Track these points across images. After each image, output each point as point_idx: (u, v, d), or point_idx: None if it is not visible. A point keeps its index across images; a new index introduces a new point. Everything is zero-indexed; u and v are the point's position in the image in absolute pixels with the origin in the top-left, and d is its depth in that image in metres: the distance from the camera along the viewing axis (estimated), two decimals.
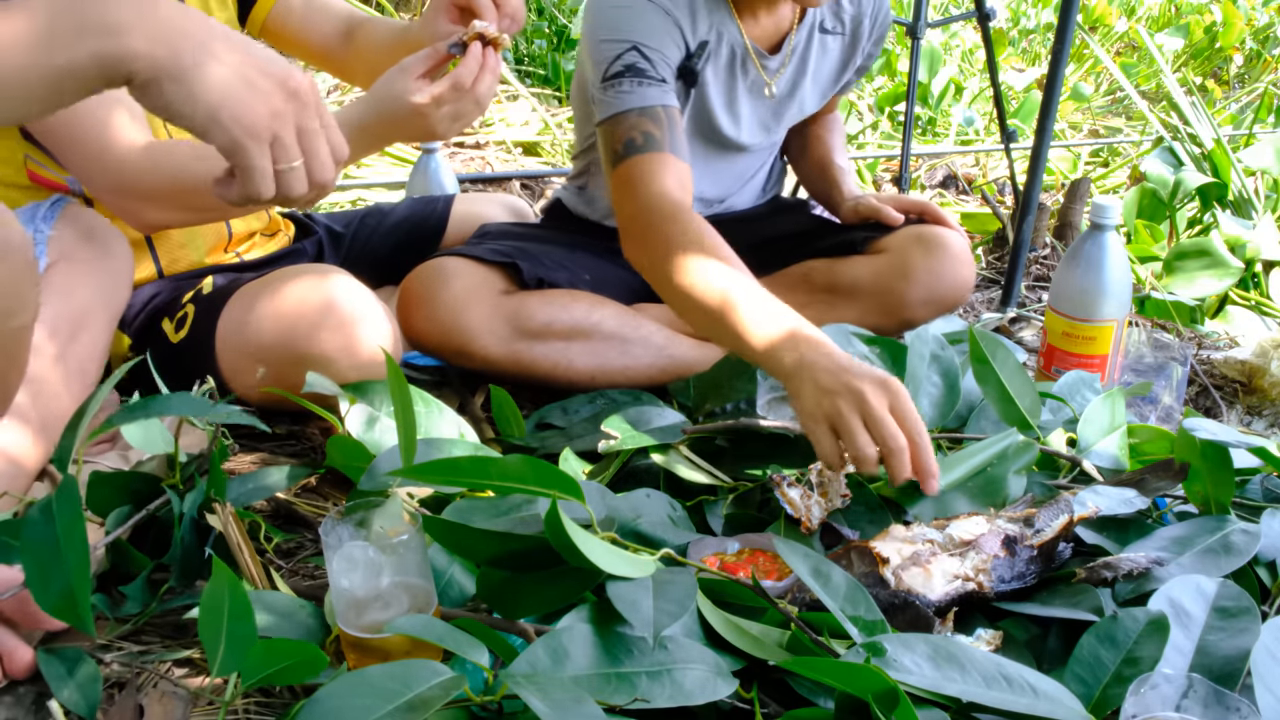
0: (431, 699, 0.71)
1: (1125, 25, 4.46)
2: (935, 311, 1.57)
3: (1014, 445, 1.14)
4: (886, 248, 1.58)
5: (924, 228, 1.59)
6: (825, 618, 0.89)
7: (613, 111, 1.34)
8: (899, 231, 1.60)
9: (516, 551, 0.86)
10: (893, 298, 1.55)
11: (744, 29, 1.47)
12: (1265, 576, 1.01)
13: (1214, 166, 2.37)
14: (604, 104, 1.36)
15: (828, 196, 1.75)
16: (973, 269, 1.58)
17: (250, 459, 1.31)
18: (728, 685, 0.81)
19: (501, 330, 1.43)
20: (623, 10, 1.38)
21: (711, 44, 1.45)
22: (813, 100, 1.63)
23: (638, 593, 0.83)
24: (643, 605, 0.81)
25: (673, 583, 0.85)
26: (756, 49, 1.50)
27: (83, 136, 1.18)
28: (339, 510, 0.90)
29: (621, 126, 1.34)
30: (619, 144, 1.34)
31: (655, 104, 1.34)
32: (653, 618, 0.80)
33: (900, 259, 1.56)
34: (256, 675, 0.79)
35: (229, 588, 0.78)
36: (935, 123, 3.31)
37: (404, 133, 1.23)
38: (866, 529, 1.07)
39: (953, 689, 0.78)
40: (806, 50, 1.56)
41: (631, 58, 1.35)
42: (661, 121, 1.34)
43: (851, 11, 1.58)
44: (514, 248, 1.53)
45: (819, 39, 1.57)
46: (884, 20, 1.62)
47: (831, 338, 1.37)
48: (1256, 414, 1.63)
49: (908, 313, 1.55)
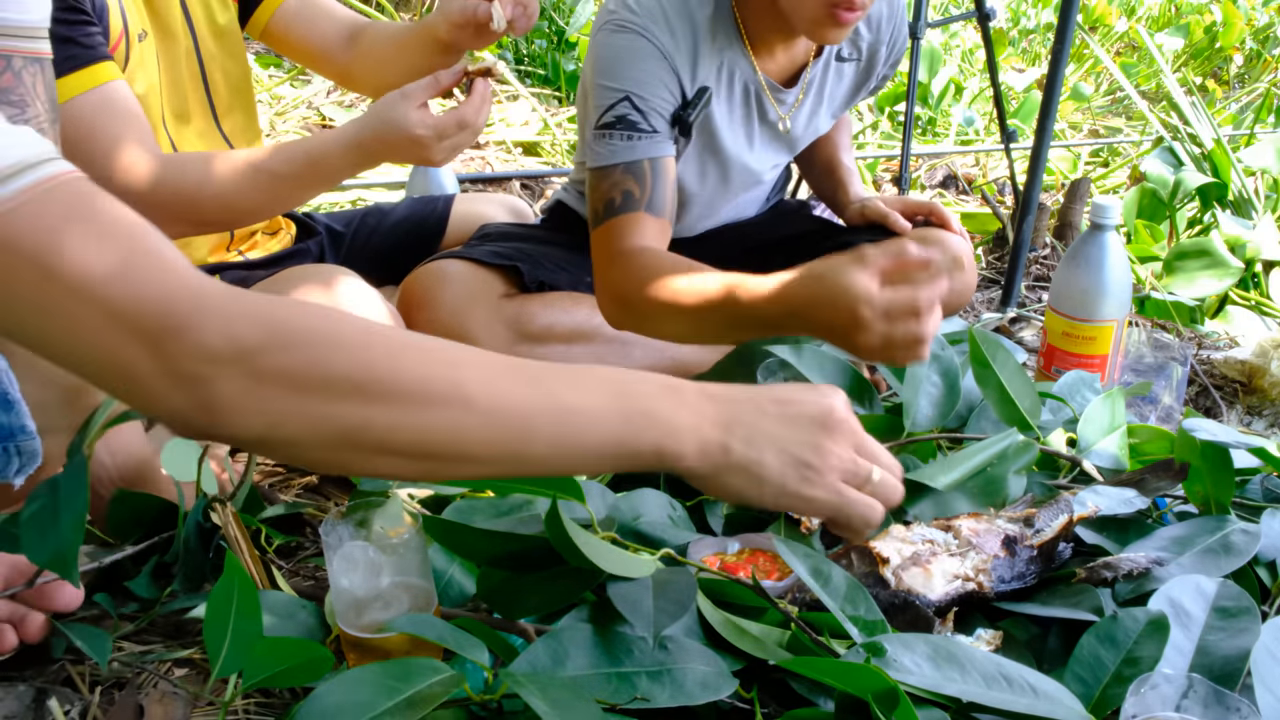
0: (430, 696, 0.72)
1: (1125, 25, 4.46)
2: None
3: (1014, 445, 1.14)
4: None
5: (927, 231, 1.59)
6: (825, 618, 0.89)
7: (600, 164, 1.33)
8: (901, 235, 1.59)
9: (516, 551, 0.86)
10: None
11: (758, 64, 1.44)
12: (1265, 576, 1.01)
13: (1214, 166, 2.37)
14: (594, 153, 1.35)
15: (833, 197, 1.74)
16: (975, 274, 1.58)
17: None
18: (728, 685, 0.81)
19: (502, 333, 1.43)
20: (621, 54, 1.34)
21: (722, 82, 1.42)
22: (826, 124, 1.62)
23: (638, 593, 0.82)
24: (643, 605, 0.81)
25: (673, 583, 0.85)
26: (771, 84, 1.47)
27: (90, 151, 1.18)
28: (339, 510, 0.90)
29: (605, 183, 1.33)
30: (600, 204, 1.33)
31: (643, 158, 1.32)
32: (653, 617, 0.80)
33: None
34: (260, 675, 0.79)
35: (238, 585, 0.78)
36: (935, 123, 3.31)
37: (400, 157, 1.25)
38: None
39: (953, 689, 0.78)
40: (823, 81, 1.54)
41: (624, 109, 1.33)
42: (645, 178, 1.33)
43: (869, 39, 1.56)
44: (515, 250, 1.53)
45: (835, 67, 1.55)
46: (900, 46, 1.60)
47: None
48: (1256, 414, 1.63)
49: None
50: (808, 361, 1.27)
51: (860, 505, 0.80)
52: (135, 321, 0.65)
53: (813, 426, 0.81)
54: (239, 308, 0.67)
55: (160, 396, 0.67)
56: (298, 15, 1.47)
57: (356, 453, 0.71)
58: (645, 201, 1.31)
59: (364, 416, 0.69)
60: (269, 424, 0.68)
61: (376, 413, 0.69)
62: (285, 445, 0.70)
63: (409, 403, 0.70)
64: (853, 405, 1.25)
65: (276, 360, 0.67)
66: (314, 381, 0.68)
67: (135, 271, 0.66)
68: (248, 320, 0.67)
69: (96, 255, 0.65)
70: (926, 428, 1.22)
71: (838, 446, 0.81)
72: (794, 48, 1.47)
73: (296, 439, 0.69)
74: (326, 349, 0.69)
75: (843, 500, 0.80)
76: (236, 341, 0.66)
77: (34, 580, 0.90)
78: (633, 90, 1.33)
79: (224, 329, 0.66)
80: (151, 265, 0.66)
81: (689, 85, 1.37)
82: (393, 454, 0.71)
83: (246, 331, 0.67)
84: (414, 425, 0.70)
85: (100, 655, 0.88)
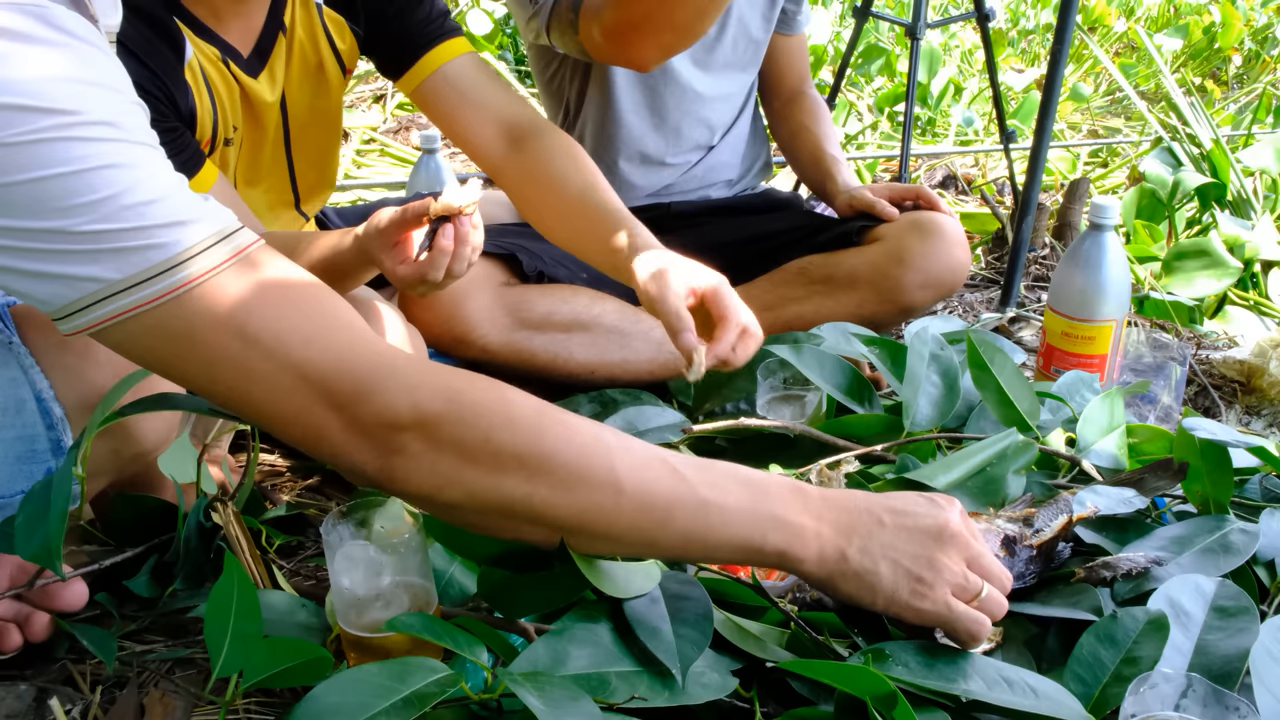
0: (428, 695, 0.72)
1: (1124, 26, 4.46)
2: (933, 295, 1.58)
3: (1013, 445, 1.14)
4: (881, 236, 1.60)
5: (918, 214, 1.61)
6: (826, 617, 0.89)
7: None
8: (890, 221, 1.61)
9: (517, 551, 0.86)
10: (890, 284, 1.56)
11: None
12: (1264, 576, 1.01)
13: (1213, 167, 2.37)
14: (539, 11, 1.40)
15: (822, 188, 1.76)
16: (967, 251, 1.60)
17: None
18: (728, 684, 0.81)
19: (502, 320, 1.44)
20: None
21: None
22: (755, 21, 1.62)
23: (655, 618, 0.83)
24: (663, 633, 0.81)
25: (686, 599, 0.85)
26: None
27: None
28: (340, 510, 0.90)
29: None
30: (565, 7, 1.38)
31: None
32: (675, 647, 0.80)
33: (896, 245, 1.57)
34: (260, 675, 0.79)
35: (238, 585, 0.78)
36: (935, 123, 3.31)
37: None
38: None
39: (953, 689, 0.79)
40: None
41: None
42: None
43: None
44: (514, 242, 1.54)
45: None
46: None
47: (829, 336, 1.38)
48: (1255, 414, 1.63)
49: (906, 298, 1.56)
50: (807, 360, 1.27)
51: (966, 620, 0.82)
52: (327, 384, 0.72)
53: (927, 539, 0.83)
54: (423, 377, 0.74)
55: (347, 453, 0.74)
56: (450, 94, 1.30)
57: (510, 520, 0.77)
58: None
59: (526, 491, 0.75)
60: (437, 486, 0.74)
61: (538, 489, 0.75)
62: (448, 508, 0.77)
63: (570, 483, 0.75)
64: (851, 404, 1.27)
65: (455, 431, 0.73)
66: (485, 454, 0.74)
67: (327, 337, 0.72)
68: (430, 390, 0.73)
69: (290, 322, 0.71)
70: (926, 427, 1.22)
71: (950, 560, 0.83)
72: None
73: (459, 503, 0.75)
74: (500, 427, 0.74)
75: (951, 615, 0.82)
76: (419, 409, 0.72)
77: (34, 581, 0.90)
78: None
79: (409, 397, 0.72)
80: (341, 331, 0.73)
81: None
82: (544, 526, 0.77)
83: (429, 401, 0.73)
84: (570, 504, 0.76)
85: (106, 655, 0.88)
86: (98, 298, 0.68)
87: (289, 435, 0.75)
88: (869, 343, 1.36)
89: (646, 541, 0.79)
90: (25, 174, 0.64)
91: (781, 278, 1.62)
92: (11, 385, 0.90)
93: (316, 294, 0.74)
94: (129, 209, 0.67)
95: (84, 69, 0.67)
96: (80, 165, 0.65)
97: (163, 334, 0.70)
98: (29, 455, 0.91)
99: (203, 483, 1.02)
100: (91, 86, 0.67)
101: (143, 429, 0.97)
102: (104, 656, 0.88)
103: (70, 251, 0.66)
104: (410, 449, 0.73)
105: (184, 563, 0.99)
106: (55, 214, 0.65)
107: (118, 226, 0.66)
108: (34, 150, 0.64)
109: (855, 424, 1.24)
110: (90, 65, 0.68)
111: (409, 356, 0.76)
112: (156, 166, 0.70)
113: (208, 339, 0.70)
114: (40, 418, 0.91)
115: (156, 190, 0.68)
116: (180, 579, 0.99)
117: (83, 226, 0.66)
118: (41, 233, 0.66)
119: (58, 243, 0.66)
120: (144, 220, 0.67)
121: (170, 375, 0.74)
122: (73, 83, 0.66)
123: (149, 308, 0.68)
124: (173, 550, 1.00)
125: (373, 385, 0.72)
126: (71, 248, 0.66)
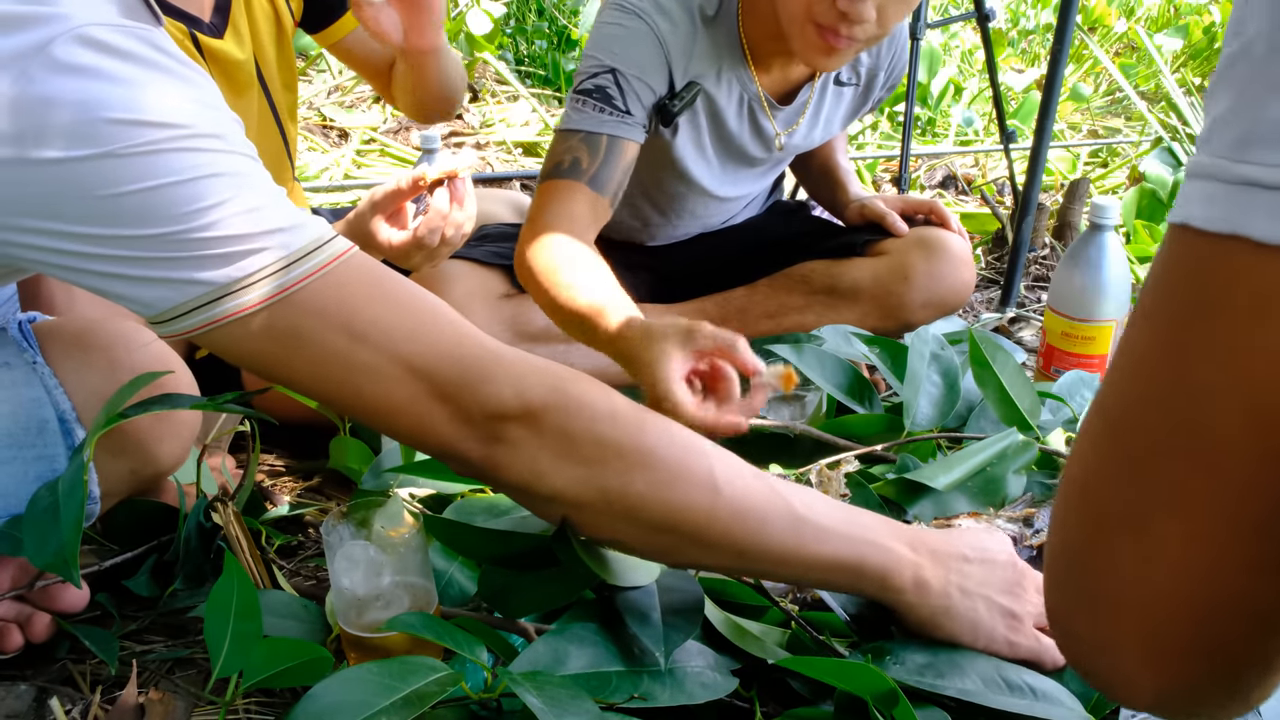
0: (427, 694, 0.72)
1: (1124, 26, 4.46)
2: (935, 314, 1.56)
3: (1014, 445, 1.14)
4: (887, 250, 1.58)
5: (925, 230, 1.59)
6: (826, 617, 0.89)
7: (565, 126, 1.34)
8: (899, 236, 1.60)
9: (517, 551, 0.86)
10: (893, 300, 1.55)
11: (757, 79, 1.44)
12: None
13: None
14: (564, 115, 1.35)
15: (831, 198, 1.74)
16: (973, 272, 1.58)
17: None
18: (728, 684, 0.81)
19: (501, 333, 1.43)
20: (618, 31, 1.35)
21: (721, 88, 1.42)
22: (819, 142, 1.63)
23: (646, 604, 0.83)
24: (652, 618, 0.82)
25: (680, 591, 0.85)
26: (769, 99, 1.47)
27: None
28: (340, 510, 0.90)
29: (562, 145, 1.33)
30: (550, 163, 1.34)
31: (604, 133, 1.32)
32: (663, 633, 0.80)
33: (900, 261, 1.55)
34: (260, 675, 0.79)
35: (238, 585, 0.78)
36: (935, 123, 3.31)
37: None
38: None
39: (953, 689, 0.79)
40: (820, 102, 1.54)
41: (605, 80, 1.33)
42: (598, 153, 1.32)
43: (868, 64, 1.56)
44: (514, 250, 1.53)
45: (833, 90, 1.55)
46: (899, 71, 1.60)
47: (830, 339, 1.38)
48: None
49: (907, 315, 1.55)
50: (808, 360, 1.27)
51: (1053, 651, 0.84)
52: (434, 376, 0.73)
53: (1008, 574, 0.85)
54: (528, 368, 0.76)
55: (453, 443, 0.75)
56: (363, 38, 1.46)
57: (605, 515, 0.77)
58: (590, 175, 1.31)
59: (624, 481, 0.75)
60: (537, 475, 0.75)
61: (637, 479, 0.75)
62: (546, 500, 0.77)
63: (668, 480, 0.76)
64: (851, 403, 1.27)
65: (558, 421, 0.75)
66: (587, 445, 0.75)
67: (432, 331, 0.75)
68: (536, 380, 0.75)
69: (396, 318, 0.74)
70: (926, 427, 1.22)
71: (1029, 593, 0.85)
72: (793, 67, 1.47)
73: (557, 494, 0.76)
74: (603, 418, 0.76)
75: (1040, 647, 0.84)
76: (525, 399, 0.74)
77: (34, 582, 0.90)
78: (620, 67, 1.33)
79: (515, 386, 0.74)
80: (445, 326, 0.76)
81: (679, 77, 1.38)
82: (639, 523, 0.77)
83: (535, 391, 0.75)
84: (667, 499, 0.76)
85: (109, 656, 0.88)
86: (204, 300, 0.70)
87: (397, 428, 0.76)
88: (869, 343, 1.36)
89: (736, 552, 0.79)
90: (137, 184, 0.67)
91: (784, 283, 1.61)
92: (35, 406, 0.91)
93: (418, 292, 0.77)
94: (237, 216, 0.69)
95: (189, 87, 0.70)
96: (190, 174, 0.68)
97: (270, 335, 0.71)
98: (50, 475, 0.91)
99: (203, 483, 1.02)
100: (197, 103, 0.70)
101: (161, 451, 0.98)
102: (106, 657, 0.88)
103: (179, 258, 0.68)
104: (513, 437, 0.74)
105: (184, 563, 0.99)
106: (165, 221, 0.68)
107: (226, 233, 0.69)
108: (146, 161, 0.67)
109: (855, 423, 1.24)
110: (193, 84, 0.71)
111: (514, 350, 0.77)
112: (259, 177, 0.72)
113: (315, 338, 0.71)
114: (62, 439, 0.92)
115: (260, 199, 0.71)
116: (180, 579, 0.99)
117: (192, 233, 0.68)
118: (150, 239, 0.68)
119: (166, 249, 0.68)
120: (251, 227, 0.69)
121: (275, 376, 0.75)
122: (182, 99, 0.69)
123: (255, 310, 0.70)
124: (173, 550, 1.00)
125: (480, 376, 0.74)
126: (180, 254, 0.68)
